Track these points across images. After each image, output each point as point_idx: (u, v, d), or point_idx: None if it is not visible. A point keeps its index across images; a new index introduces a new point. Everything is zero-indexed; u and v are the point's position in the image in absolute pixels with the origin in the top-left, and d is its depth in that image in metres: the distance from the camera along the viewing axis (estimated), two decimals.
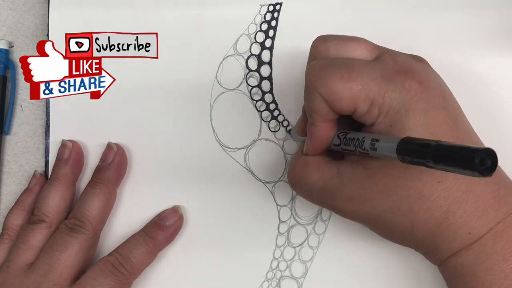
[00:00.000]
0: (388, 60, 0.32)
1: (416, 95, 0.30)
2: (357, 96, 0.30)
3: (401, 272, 0.40)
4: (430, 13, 0.41)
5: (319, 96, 0.31)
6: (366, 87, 0.30)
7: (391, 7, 0.42)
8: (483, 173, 0.23)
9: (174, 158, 0.42)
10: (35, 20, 0.44)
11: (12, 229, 0.40)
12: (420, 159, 0.25)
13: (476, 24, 0.41)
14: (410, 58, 0.33)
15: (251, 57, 0.42)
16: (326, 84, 0.31)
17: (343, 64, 0.31)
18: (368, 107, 0.31)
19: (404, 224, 0.31)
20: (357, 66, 0.31)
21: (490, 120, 0.40)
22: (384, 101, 0.30)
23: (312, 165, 0.34)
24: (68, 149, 0.41)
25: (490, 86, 0.40)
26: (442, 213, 0.30)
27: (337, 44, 0.33)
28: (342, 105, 0.31)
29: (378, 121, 0.31)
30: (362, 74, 0.31)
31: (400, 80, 0.30)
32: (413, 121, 0.30)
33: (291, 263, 0.41)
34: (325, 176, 0.33)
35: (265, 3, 0.42)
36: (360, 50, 0.33)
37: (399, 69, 0.31)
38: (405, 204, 0.30)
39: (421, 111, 0.30)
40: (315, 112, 0.32)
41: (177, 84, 0.42)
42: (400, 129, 0.30)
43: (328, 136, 0.33)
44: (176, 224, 0.40)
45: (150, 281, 0.41)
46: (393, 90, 0.30)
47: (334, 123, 0.33)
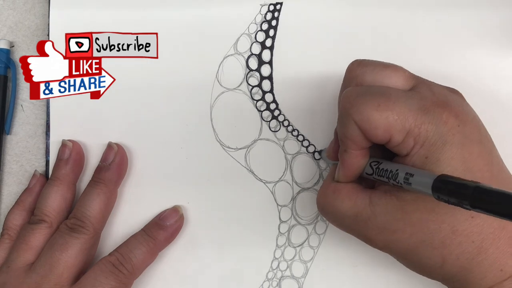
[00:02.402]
0: (425, 91, 0.32)
1: (453, 128, 0.30)
2: (392, 126, 0.30)
3: (401, 272, 0.40)
4: (431, 13, 0.41)
5: (354, 123, 0.31)
6: (402, 117, 0.30)
7: (392, 7, 0.41)
8: None
9: (174, 158, 0.42)
10: (35, 20, 0.44)
11: (13, 229, 0.40)
12: (456, 199, 0.25)
13: (477, 24, 0.41)
14: (446, 90, 0.33)
15: (252, 56, 0.42)
16: (362, 112, 0.30)
17: (380, 93, 0.31)
18: (403, 137, 0.30)
19: (435, 257, 0.31)
20: (394, 95, 0.31)
21: (490, 120, 0.40)
22: (420, 133, 0.30)
23: (344, 193, 0.33)
24: (68, 149, 0.41)
25: (490, 86, 0.40)
26: (474, 249, 0.30)
27: (373, 70, 0.33)
28: (377, 134, 0.30)
29: (413, 152, 0.30)
30: (399, 104, 0.30)
31: (437, 112, 0.30)
32: (449, 154, 0.30)
33: (291, 263, 0.41)
34: (357, 205, 0.32)
35: (265, 3, 0.42)
36: (396, 78, 0.32)
37: (436, 101, 0.31)
38: (437, 237, 0.30)
39: (457, 144, 0.30)
40: (349, 139, 0.32)
41: (177, 84, 0.42)
42: (435, 162, 0.30)
43: (360, 164, 0.33)
44: (177, 224, 0.41)
45: (151, 281, 0.41)
46: (430, 122, 0.30)
47: (367, 151, 0.33)
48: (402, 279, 0.40)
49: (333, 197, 0.34)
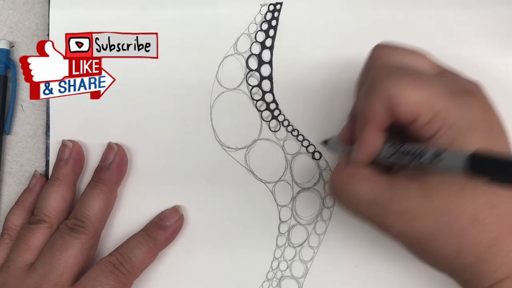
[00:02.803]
0: (452, 77, 0.32)
1: (479, 116, 0.30)
2: (422, 104, 0.30)
3: (402, 272, 0.40)
4: (431, 11, 0.41)
5: (380, 99, 0.30)
6: (433, 97, 0.30)
7: (392, 7, 0.41)
8: None
9: (174, 158, 0.42)
10: (35, 20, 0.44)
11: (13, 229, 0.40)
12: (498, 175, 0.24)
13: (477, 23, 0.41)
14: (470, 80, 0.33)
15: (252, 56, 0.42)
16: (393, 85, 0.30)
17: (412, 71, 0.31)
18: (430, 118, 0.30)
19: (451, 246, 0.30)
20: (426, 76, 0.31)
21: None
22: (448, 116, 0.29)
23: (361, 176, 0.33)
24: (68, 149, 0.41)
25: (490, 85, 0.40)
26: (491, 239, 0.30)
27: (400, 52, 0.32)
28: (405, 110, 0.30)
29: (439, 135, 0.30)
30: (430, 84, 0.30)
31: (466, 99, 0.30)
32: (475, 141, 0.29)
33: (291, 263, 0.41)
34: (375, 190, 0.32)
35: (265, 3, 0.42)
36: (423, 62, 0.32)
37: (464, 88, 0.31)
38: (457, 225, 0.30)
39: (483, 132, 0.30)
40: (371, 116, 0.31)
41: (177, 84, 0.42)
42: (461, 147, 0.29)
43: (377, 143, 0.32)
44: (177, 224, 0.41)
45: (151, 281, 0.41)
46: (459, 106, 0.30)
47: (385, 132, 0.32)
48: (403, 279, 0.40)
49: (348, 181, 0.33)
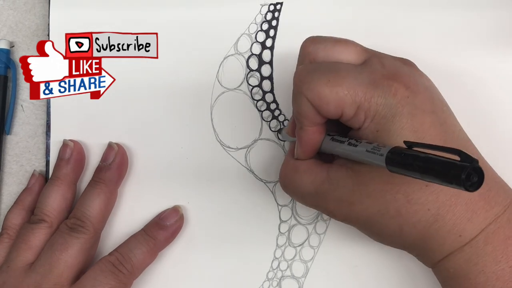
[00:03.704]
0: (375, 64, 0.32)
1: (402, 99, 0.30)
2: (343, 100, 0.30)
3: (402, 271, 0.40)
4: (430, 12, 0.41)
5: (306, 100, 0.31)
6: (352, 91, 0.30)
7: (391, 7, 0.41)
8: (469, 188, 0.23)
9: (174, 158, 0.42)
10: (35, 20, 0.44)
11: (12, 229, 0.40)
12: (407, 171, 0.26)
13: (476, 24, 0.41)
14: (398, 62, 0.33)
15: (252, 56, 0.42)
16: (313, 88, 0.31)
17: (330, 69, 0.32)
18: (355, 111, 0.31)
19: (392, 226, 0.31)
20: (344, 70, 0.31)
21: (490, 119, 0.40)
22: (370, 106, 0.30)
23: (302, 169, 0.34)
24: (69, 148, 0.41)
25: (490, 85, 0.40)
26: (431, 216, 0.30)
27: (326, 46, 0.33)
28: (328, 109, 0.31)
29: (365, 126, 0.31)
30: (348, 78, 0.31)
31: (386, 85, 0.31)
32: (399, 126, 0.30)
33: (292, 262, 0.41)
34: (316, 180, 0.33)
35: (266, 3, 0.42)
36: (348, 53, 0.33)
37: (386, 74, 0.31)
38: (393, 207, 0.31)
39: (407, 115, 0.30)
40: (303, 116, 0.32)
41: (177, 84, 0.42)
42: (386, 134, 0.30)
43: (316, 140, 0.34)
44: (177, 224, 0.41)
45: (151, 281, 0.41)
46: (379, 95, 0.30)
47: (322, 127, 0.33)
48: (403, 279, 0.40)
49: (292, 175, 0.35)
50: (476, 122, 0.33)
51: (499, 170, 0.33)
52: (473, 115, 0.33)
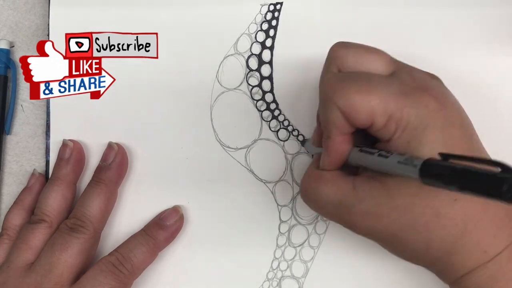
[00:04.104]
0: (405, 76, 0.32)
1: (433, 111, 0.30)
2: (374, 110, 0.30)
3: (402, 271, 0.40)
4: (431, 12, 0.41)
5: (336, 108, 0.31)
6: (384, 101, 0.30)
7: (392, 6, 0.41)
8: (510, 200, 0.22)
9: (174, 158, 0.42)
10: (36, 20, 0.44)
11: (12, 229, 0.40)
12: (443, 183, 0.25)
13: (477, 23, 0.41)
14: (426, 75, 0.33)
15: (252, 56, 0.42)
16: (344, 96, 0.30)
17: (361, 78, 0.31)
18: (385, 121, 0.30)
19: (419, 241, 0.31)
20: (375, 80, 0.31)
21: (490, 119, 0.40)
22: (402, 116, 0.30)
23: (327, 179, 0.33)
24: (69, 148, 0.41)
25: (490, 85, 0.40)
26: (458, 231, 0.30)
27: (356, 53, 0.33)
28: (359, 118, 0.31)
29: (396, 136, 0.31)
30: (380, 88, 0.30)
31: (418, 96, 0.30)
32: (431, 138, 0.30)
33: (291, 263, 0.41)
34: (341, 191, 0.32)
35: (265, 3, 0.42)
36: (378, 62, 0.33)
37: (416, 85, 0.31)
38: (421, 221, 0.30)
39: (439, 128, 0.30)
40: (332, 124, 0.32)
41: (177, 84, 0.42)
42: (418, 145, 0.30)
43: (344, 150, 0.33)
44: (177, 224, 0.41)
45: (151, 281, 0.41)
46: (411, 106, 0.30)
47: (351, 137, 0.33)
48: (403, 279, 0.40)
49: (316, 184, 0.34)
50: (476, 122, 0.33)
51: None
52: (473, 115, 0.33)
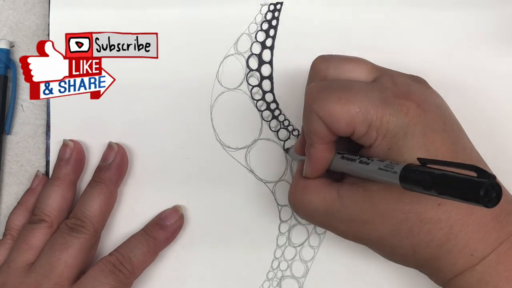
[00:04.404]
0: (387, 82, 0.32)
1: (414, 118, 0.30)
2: (354, 118, 0.30)
3: (402, 272, 0.40)
4: (430, 12, 0.41)
5: (317, 118, 0.31)
6: (364, 110, 0.30)
7: (392, 7, 0.41)
8: (487, 205, 0.23)
9: (174, 158, 0.42)
10: (36, 20, 0.44)
11: (15, 230, 0.40)
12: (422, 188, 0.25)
13: (476, 23, 0.41)
14: (409, 80, 0.33)
15: (252, 56, 0.42)
16: (324, 106, 0.31)
17: (341, 87, 0.32)
18: (366, 129, 0.31)
19: (405, 246, 0.31)
20: (355, 88, 0.31)
21: (490, 119, 0.40)
22: (382, 124, 0.30)
23: (312, 189, 0.34)
24: (69, 148, 0.41)
25: (490, 85, 0.40)
26: (443, 235, 0.30)
27: (337, 64, 0.33)
28: (340, 127, 0.31)
29: (376, 144, 0.31)
30: (360, 96, 0.31)
31: (398, 103, 0.30)
32: (411, 144, 0.30)
33: (292, 262, 0.41)
34: (326, 200, 0.33)
35: (266, 3, 0.42)
36: (359, 71, 0.33)
37: (397, 92, 0.31)
38: (405, 227, 0.30)
39: (419, 134, 0.30)
40: (314, 133, 0.32)
41: (177, 84, 0.42)
42: (397, 152, 0.30)
43: (327, 158, 0.33)
44: (177, 224, 0.41)
45: (151, 281, 0.41)
46: (391, 114, 0.30)
47: (333, 145, 0.33)
48: (403, 279, 0.40)
49: (302, 194, 0.34)
50: (476, 122, 0.33)
51: (500, 171, 0.33)
52: (473, 115, 0.33)
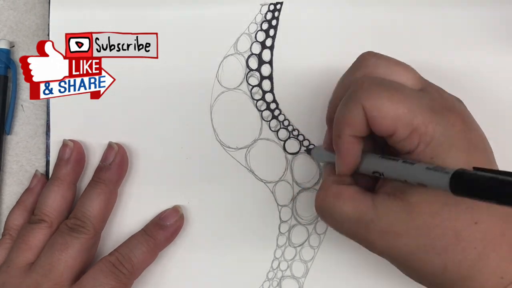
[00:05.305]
0: (435, 94, 0.32)
1: (460, 132, 0.30)
2: (401, 119, 0.30)
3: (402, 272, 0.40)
4: (431, 12, 0.41)
5: (361, 108, 0.30)
6: (412, 112, 0.30)
7: (392, 6, 0.41)
8: None
9: (174, 158, 0.42)
10: (36, 20, 0.44)
11: (14, 229, 0.40)
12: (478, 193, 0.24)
13: (477, 23, 0.41)
14: (453, 97, 0.33)
15: (252, 56, 0.42)
16: (374, 99, 0.30)
17: (394, 87, 0.31)
18: (409, 133, 0.30)
19: (436, 263, 0.30)
20: (407, 91, 0.31)
21: (490, 119, 0.39)
22: (428, 131, 0.30)
23: (346, 195, 0.33)
24: (69, 148, 0.41)
25: (490, 85, 0.40)
26: (476, 255, 0.29)
27: (387, 64, 0.33)
28: (383, 123, 0.30)
29: (418, 151, 0.30)
30: (411, 99, 0.30)
31: (446, 115, 0.30)
32: (455, 158, 0.29)
33: (292, 263, 0.41)
34: (359, 208, 0.32)
35: (266, 3, 0.42)
36: (408, 77, 0.32)
37: (445, 104, 0.31)
38: (440, 242, 0.30)
39: (464, 149, 0.30)
40: (347, 123, 0.31)
41: (177, 84, 0.42)
42: (441, 163, 0.29)
43: (356, 150, 0.32)
44: (177, 224, 0.41)
45: (151, 281, 0.41)
46: (438, 123, 0.30)
47: (361, 140, 0.32)
48: (403, 279, 0.40)
49: (334, 200, 0.33)
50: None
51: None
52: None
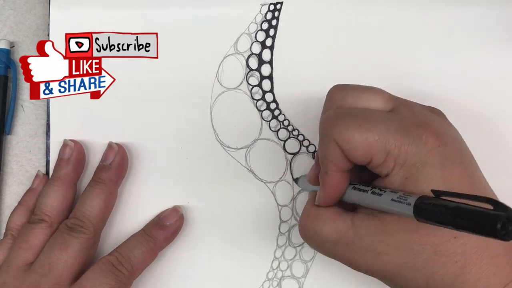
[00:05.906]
0: (405, 112, 0.32)
1: (433, 148, 0.30)
2: (373, 146, 0.30)
3: None
4: (431, 12, 0.41)
5: (335, 144, 0.31)
6: (383, 138, 0.30)
7: (392, 7, 0.41)
8: (504, 237, 0.22)
9: (174, 158, 0.42)
10: (36, 20, 0.44)
11: (16, 229, 0.40)
12: (437, 222, 0.25)
13: (476, 23, 0.41)
14: (427, 110, 0.33)
15: (252, 56, 0.42)
16: (343, 132, 0.31)
17: (361, 114, 0.31)
18: (384, 158, 0.30)
19: (419, 279, 0.30)
20: (375, 117, 0.31)
21: (490, 120, 0.40)
22: (400, 153, 0.30)
23: (325, 217, 0.33)
24: (69, 148, 0.41)
25: (490, 86, 0.40)
26: (457, 269, 0.30)
27: (354, 93, 0.33)
28: (357, 154, 0.31)
29: (393, 173, 0.30)
30: (379, 125, 0.30)
31: (417, 133, 0.30)
32: (429, 175, 0.30)
33: (292, 262, 0.41)
34: (339, 229, 0.32)
35: (266, 2, 0.42)
36: (376, 100, 0.33)
37: (416, 122, 0.31)
38: (420, 259, 0.30)
39: (437, 165, 0.30)
40: (330, 160, 0.32)
41: (177, 84, 0.42)
42: (415, 182, 0.30)
43: (341, 186, 0.33)
44: (177, 224, 0.41)
45: (151, 281, 0.41)
46: (410, 143, 0.30)
47: (348, 173, 0.33)
48: None
49: (314, 222, 0.33)
50: (476, 122, 0.33)
51: (500, 171, 0.33)
52: (473, 115, 0.33)
